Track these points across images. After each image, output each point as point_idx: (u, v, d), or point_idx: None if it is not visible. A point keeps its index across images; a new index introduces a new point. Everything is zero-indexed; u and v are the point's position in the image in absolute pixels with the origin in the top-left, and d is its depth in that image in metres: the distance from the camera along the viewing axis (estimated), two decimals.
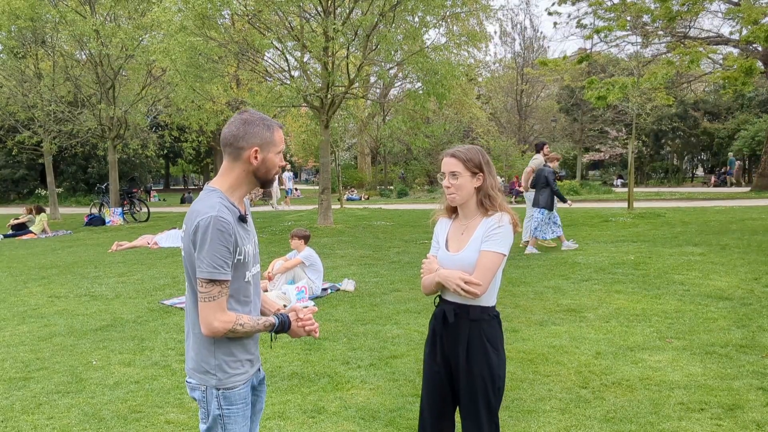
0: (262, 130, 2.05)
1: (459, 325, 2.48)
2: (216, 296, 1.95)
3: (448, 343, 2.52)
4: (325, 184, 14.74)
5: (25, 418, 3.92)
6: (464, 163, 2.46)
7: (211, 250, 1.91)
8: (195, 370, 2.06)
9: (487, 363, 2.45)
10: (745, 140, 30.89)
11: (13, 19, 16.79)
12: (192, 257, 1.97)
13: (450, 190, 2.48)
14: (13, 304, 7.28)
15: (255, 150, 2.04)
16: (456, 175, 2.47)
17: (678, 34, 20.96)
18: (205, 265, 1.92)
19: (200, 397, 2.06)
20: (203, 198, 2.03)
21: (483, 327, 2.46)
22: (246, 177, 2.08)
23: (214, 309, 1.95)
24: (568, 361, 4.69)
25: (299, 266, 7.20)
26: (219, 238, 1.91)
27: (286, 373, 4.59)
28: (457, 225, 2.57)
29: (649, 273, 7.92)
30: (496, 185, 2.52)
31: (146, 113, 20.10)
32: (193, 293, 2.04)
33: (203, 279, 1.94)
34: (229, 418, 2.05)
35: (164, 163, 48.78)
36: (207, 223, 1.91)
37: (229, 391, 2.05)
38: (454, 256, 2.50)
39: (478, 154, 2.50)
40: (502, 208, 2.48)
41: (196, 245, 1.93)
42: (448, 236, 2.58)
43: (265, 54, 16.18)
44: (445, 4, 13.53)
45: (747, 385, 4.10)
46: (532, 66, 32.11)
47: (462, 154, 2.48)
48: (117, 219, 18.19)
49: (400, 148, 34.85)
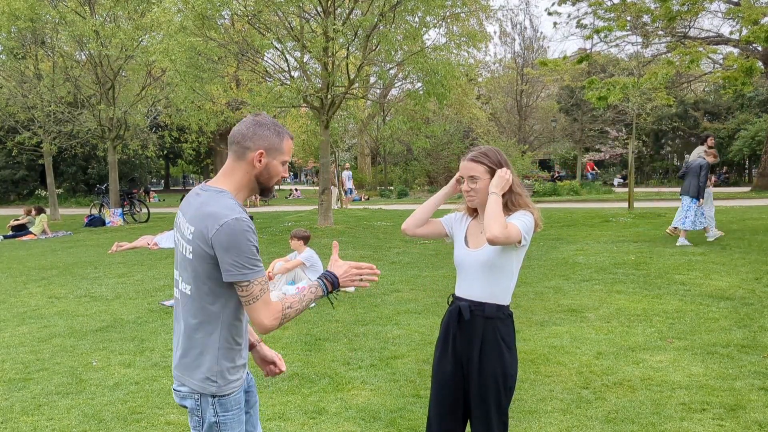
0: (272, 134, 2.01)
1: (474, 322, 2.48)
2: (258, 295, 1.92)
3: (462, 341, 2.52)
4: (325, 185, 14.74)
5: (24, 419, 3.91)
6: (485, 164, 2.47)
7: (243, 252, 1.88)
8: (191, 377, 1.99)
9: (501, 362, 2.45)
10: (745, 140, 30.86)
11: (12, 20, 16.78)
12: (207, 259, 1.91)
13: (470, 194, 2.49)
14: (12, 305, 7.27)
15: (260, 153, 1.99)
16: (475, 179, 2.48)
17: (678, 34, 20.95)
18: (239, 268, 1.88)
19: (193, 405, 2.00)
20: (215, 199, 1.95)
21: (498, 325, 2.46)
22: (249, 180, 2.03)
23: (260, 308, 1.92)
24: (569, 361, 4.68)
25: (300, 267, 7.19)
26: (248, 239, 1.88)
27: (286, 374, 4.58)
28: (476, 224, 2.57)
29: (650, 273, 7.91)
30: (519, 183, 2.52)
31: (146, 114, 20.08)
32: (203, 297, 1.96)
33: (242, 282, 1.89)
34: (225, 425, 2.01)
35: (164, 163, 48.77)
36: (234, 225, 1.86)
37: (225, 398, 2.00)
38: (473, 252, 2.50)
39: (497, 155, 2.50)
40: (526, 206, 2.48)
41: (222, 248, 1.87)
42: (467, 233, 2.58)
43: (264, 54, 16.17)
44: (445, 5, 13.52)
45: (749, 385, 4.09)
46: (532, 66, 32.14)
47: (481, 157, 2.48)
48: (117, 220, 18.19)
49: (400, 149, 34.87)
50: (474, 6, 16.47)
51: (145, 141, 21.55)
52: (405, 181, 35.67)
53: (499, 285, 2.46)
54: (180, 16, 12.85)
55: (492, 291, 2.46)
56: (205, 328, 1.96)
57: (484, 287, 2.47)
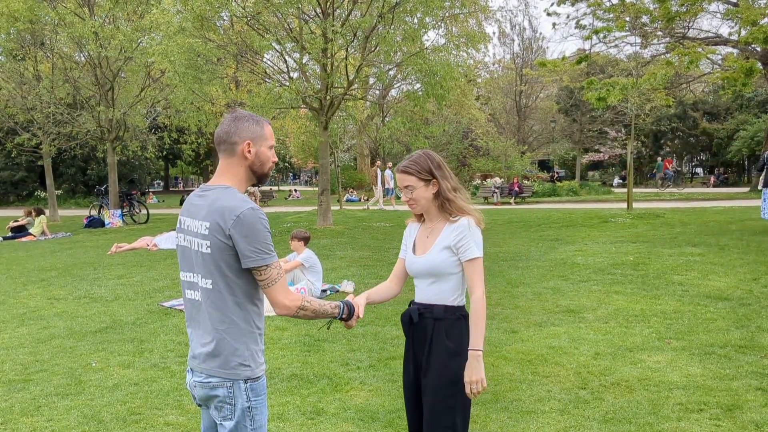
0: (252, 125, 2.15)
1: (424, 324, 2.49)
2: (276, 278, 2.07)
3: (417, 345, 2.53)
4: (324, 186, 14.75)
5: (24, 420, 3.92)
6: (415, 174, 2.48)
7: (261, 238, 2.03)
8: (221, 366, 2.09)
9: (449, 364, 2.41)
10: (744, 140, 30.91)
11: (12, 22, 16.80)
12: (226, 250, 2.03)
13: (410, 203, 2.53)
14: (12, 306, 7.28)
15: (248, 143, 2.13)
16: (410, 188, 2.50)
17: (677, 34, 20.97)
18: (259, 253, 2.03)
19: (225, 394, 2.09)
20: (227, 195, 2.08)
21: (446, 327, 2.45)
22: (245, 173, 2.17)
23: (279, 289, 2.08)
24: (567, 361, 4.69)
25: (299, 268, 7.20)
26: (264, 226, 2.04)
27: (285, 375, 4.59)
28: (423, 229, 2.60)
29: (648, 273, 7.92)
30: (454, 187, 2.51)
31: (145, 115, 20.09)
32: (225, 288, 2.07)
33: (260, 267, 2.04)
34: (257, 409, 2.12)
35: (164, 164, 48.78)
36: (250, 214, 2.01)
37: (255, 382, 2.12)
38: (419, 259, 2.52)
39: (427, 161, 2.50)
40: (462, 210, 2.47)
41: (241, 236, 2.00)
42: (415, 240, 2.61)
43: (264, 55, 16.19)
44: (444, 6, 13.55)
45: (746, 386, 4.10)
46: (531, 67, 32.17)
47: (410, 167, 2.49)
48: (116, 221, 18.19)
49: (399, 149, 34.88)
50: (473, 7, 16.48)
51: (144, 142, 21.57)
52: None
53: (446, 286, 2.46)
54: (179, 17, 12.87)
55: (439, 293, 2.47)
56: (230, 317, 2.09)
57: (432, 290, 2.48)
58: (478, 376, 2.37)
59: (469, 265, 2.42)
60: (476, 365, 2.37)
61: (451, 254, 2.43)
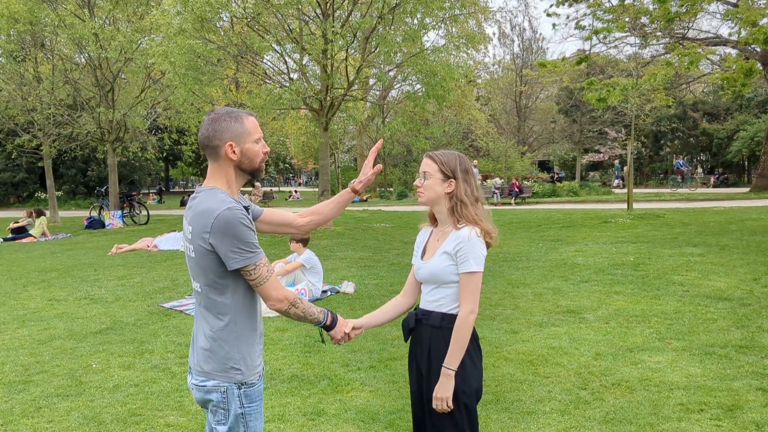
0: (231, 123, 2.07)
1: (421, 331, 2.46)
2: (267, 275, 2.04)
3: (418, 351, 2.49)
4: (324, 187, 14.75)
5: (24, 422, 3.92)
6: (438, 164, 2.44)
7: (243, 237, 1.97)
8: (215, 370, 2.07)
9: None
10: (744, 141, 30.89)
11: (12, 23, 16.80)
12: (208, 254, 2.00)
13: (419, 189, 2.48)
14: (12, 308, 7.28)
15: (230, 144, 2.07)
16: (426, 175, 2.45)
17: (676, 35, 20.99)
18: (241, 254, 1.98)
19: (219, 398, 2.08)
20: (208, 197, 2.04)
21: (443, 335, 2.39)
22: (234, 173, 2.12)
23: (272, 286, 2.05)
24: (568, 362, 4.69)
25: (299, 269, 7.20)
26: (243, 224, 1.98)
27: (285, 376, 4.59)
28: (435, 233, 2.55)
29: (649, 274, 7.92)
30: (474, 195, 2.43)
31: (145, 116, 20.10)
32: (213, 290, 2.05)
33: (246, 267, 2.00)
34: (251, 415, 2.10)
35: (164, 165, 48.78)
36: (226, 215, 1.95)
37: (249, 389, 2.09)
38: (424, 264, 2.47)
39: (456, 160, 2.45)
40: (471, 219, 2.39)
41: (220, 239, 1.96)
42: (426, 245, 2.55)
43: (264, 56, 16.20)
44: (444, 6, 13.56)
45: (746, 386, 4.10)
46: (531, 67, 32.16)
47: (438, 156, 2.46)
48: (117, 222, 18.20)
49: (399, 150, 34.87)
50: (473, 8, 16.49)
51: (144, 143, 21.57)
52: (405, 182, 35.70)
53: (445, 293, 2.41)
54: (179, 18, 12.87)
55: (438, 300, 2.42)
56: (220, 319, 2.06)
57: (433, 296, 2.44)
58: (444, 394, 2.31)
59: (462, 278, 2.35)
60: (446, 383, 2.32)
61: (451, 261, 2.37)
